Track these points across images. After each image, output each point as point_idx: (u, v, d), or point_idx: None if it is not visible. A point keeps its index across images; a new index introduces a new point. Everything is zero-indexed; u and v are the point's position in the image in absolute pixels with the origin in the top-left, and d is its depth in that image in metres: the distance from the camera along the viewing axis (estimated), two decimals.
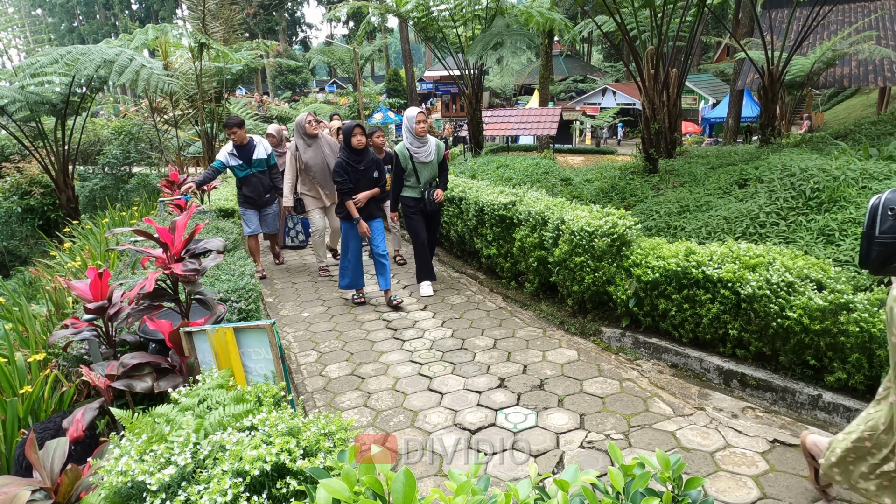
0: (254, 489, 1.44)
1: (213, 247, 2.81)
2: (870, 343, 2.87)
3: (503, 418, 3.23)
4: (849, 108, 22.19)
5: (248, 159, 6.12)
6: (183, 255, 2.67)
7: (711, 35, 27.24)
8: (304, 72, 43.44)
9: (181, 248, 2.67)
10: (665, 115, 8.22)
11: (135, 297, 2.55)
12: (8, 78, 8.98)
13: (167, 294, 2.67)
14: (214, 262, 2.77)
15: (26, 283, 6.71)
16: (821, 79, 13.77)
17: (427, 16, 10.78)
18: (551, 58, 18.40)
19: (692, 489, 1.20)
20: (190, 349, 2.45)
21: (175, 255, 2.65)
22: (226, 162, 6.10)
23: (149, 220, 3.17)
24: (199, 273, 2.59)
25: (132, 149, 14.11)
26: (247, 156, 6.12)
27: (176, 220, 2.76)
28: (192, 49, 11.40)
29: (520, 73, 34.99)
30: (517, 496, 1.12)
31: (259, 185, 6.19)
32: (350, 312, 5.16)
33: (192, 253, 2.72)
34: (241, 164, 6.09)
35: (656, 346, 3.84)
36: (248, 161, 6.12)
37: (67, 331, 2.62)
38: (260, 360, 2.44)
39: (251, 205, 6.28)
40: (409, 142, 5.33)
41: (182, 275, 2.55)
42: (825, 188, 5.00)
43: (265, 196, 6.27)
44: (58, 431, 2.26)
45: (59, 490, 1.55)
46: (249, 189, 6.20)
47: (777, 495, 2.49)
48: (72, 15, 60.33)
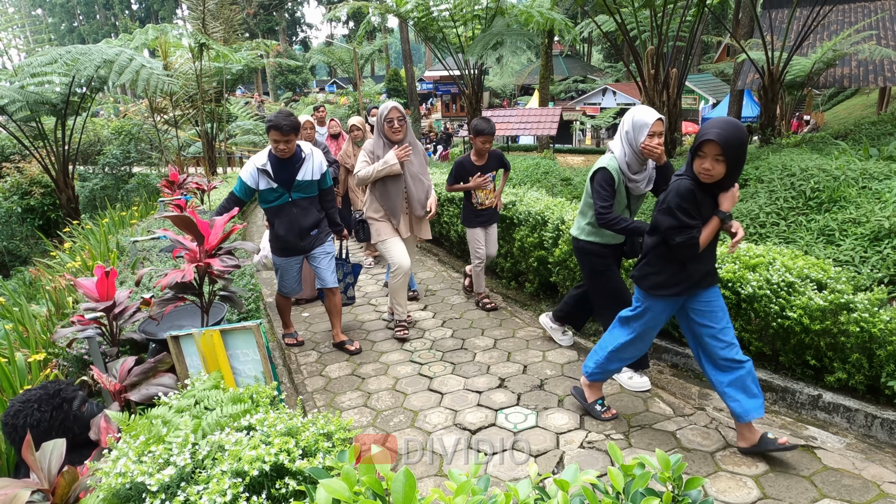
0: (253, 489, 1.43)
1: (248, 248, 2.85)
2: (870, 343, 2.86)
3: (503, 418, 3.23)
4: (849, 108, 22.18)
5: (288, 180, 3.86)
6: (216, 252, 2.68)
7: (711, 35, 27.25)
8: (304, 72, 43.43)
9: (216, 245, 2.68)
10: (665, 115, 8.22)
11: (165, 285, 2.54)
12: (8, 78, 8.98)
13: (192, 288, 2.67)
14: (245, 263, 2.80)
15: (26, 283, 6.71)
16: (821, 79, 13.77)
17: (427, 16, 10.79)
18: (551, 58, 18.39)
19: (692, 489, 1.19)
20: (177, 353, 2.44)
21: (208, 250, 2.66)
22: (252, 184, 3.84)
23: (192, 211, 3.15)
24: (236, 269, 2.62)
25: (132, 149, 14.12)
26: (288, 175, 3.86)
27: (216, 218, 2.79)
28: (192, 49, 11.41)
29: (520, 73, 34.98)
30: (517, 496, 1.11)
31: (300, 220, 3.94)
32: (350, 312, 5.15)
33: (226, 251, 2.73)
34: (276, 187, 3.85)
35: (656, 345, 3.83)
36: (287, 183, 3.86)
37: (72, 328, 2.61)
38: (248, 362, 2.43)
39: (288, 251, 4.05)
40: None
41: (219, 270, 2.57)
42: (825, 188, 5.00)
43: (310, 234, 4.02)
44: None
45: (57, 492, 1.54)
46: (285, 226, 3.93)
47: (777, 495, 2.48)
48: (72, 15, 60.36)
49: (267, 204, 3.94)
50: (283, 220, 3.93)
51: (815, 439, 2.87)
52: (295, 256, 4.08)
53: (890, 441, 2.79)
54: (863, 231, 4.24)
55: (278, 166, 3.83)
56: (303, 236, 3.98)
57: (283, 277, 4.18)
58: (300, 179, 3.87)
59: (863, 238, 4.20)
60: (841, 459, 2.70)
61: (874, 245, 4.09)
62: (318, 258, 4.11)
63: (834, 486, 2.51)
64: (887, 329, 2.80)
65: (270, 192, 3.87)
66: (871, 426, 2.86)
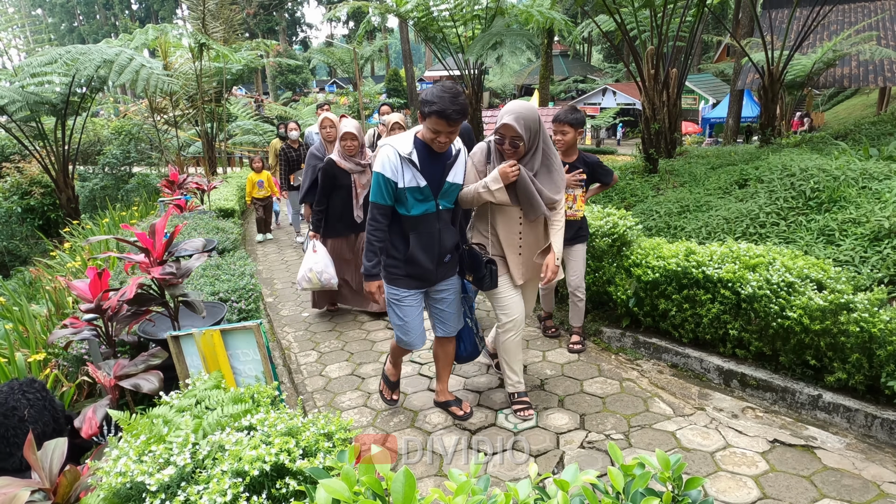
0: (253, 489, 1.43)
1: (193, 248, 2.81)
2: (870, 343, 2.87)
3: (503, 418, 3.23)
4: (849, 108, 22.18)
5: (437, 180, 2.85)
6: (165, 259, 2.66)
7: (711, 35, 27.24)
8: (304, 72, 43.42)
9: (163, 252, 2.66)
10: (665, 115, 8.22)
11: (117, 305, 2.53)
12: (8, 78, 8.98)
13: (154, 299, 2.66)
14: (199, 262, 2.76)
15: (26, 283, 6.71)
16: (821, 79, 13.78)
17: (427, 16, 10.79)
18: (551, 58, 18.39)
19: (692, 489, 1.20)
20: (178, 353, 2.44)
21: (158, 258, 2.64)
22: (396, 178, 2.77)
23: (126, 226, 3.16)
24: (177, 276, 2.58)
25: (132, 149, 14.12)
26: (437, 173, 2.85)
27: (154, 223, 2.75)
28: (192, 49, 11.41)
29: (520, 73, 34.99)
30: (517, 496, 1.11)
31: (443, 238, 2.93)
32: (350, 312, 5.15)
33: (172, 255, 2.71)
34: (424, 186, 2.80)
35: (656, 346, 3.84)
36: (436, 184, 2.85)
37: (67, 330, 2.62)
38: (248, 362, 2.43)
39: (419, 280, 2.97)
40: None
41: (161, 279, 2.54)
42: (825, 188, 5.00)
43: (444, 260, 2.99)
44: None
45: (58, 491, 1.55)
46: (423, 245, 2.89)
47: (777, 495, 2.48)
48: (72, 15, 60.34)
49: (409, 208, 2.80)
50: (421, 237, 2.87)
51: (815, 439, 2.87)
52: (423, 289, 3.03)
53: (890, 441, 2.80)
54: (863, 231, 4.24)
55: (427, 159, 2.80)
56: (440, 261, 2.96)
57: (406, 318, 2.99)
58: (450, 182, 2.87)
59: (863, 238, 4.20)
60: (841, 459, 2.70)
61: (874, 245, 4.09)
62: (443, 294, 3.07)
63: (834, 486, 2.52)
64: (887, 329, 2.80)
65: (415, 193, 2.78)
66: (870, 426, 2.86)
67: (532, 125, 2.85)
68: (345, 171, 4.56)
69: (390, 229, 2.91)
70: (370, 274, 2.93)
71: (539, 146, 2.94)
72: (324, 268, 4.57)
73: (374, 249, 2.87)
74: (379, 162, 2.78)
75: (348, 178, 4.61)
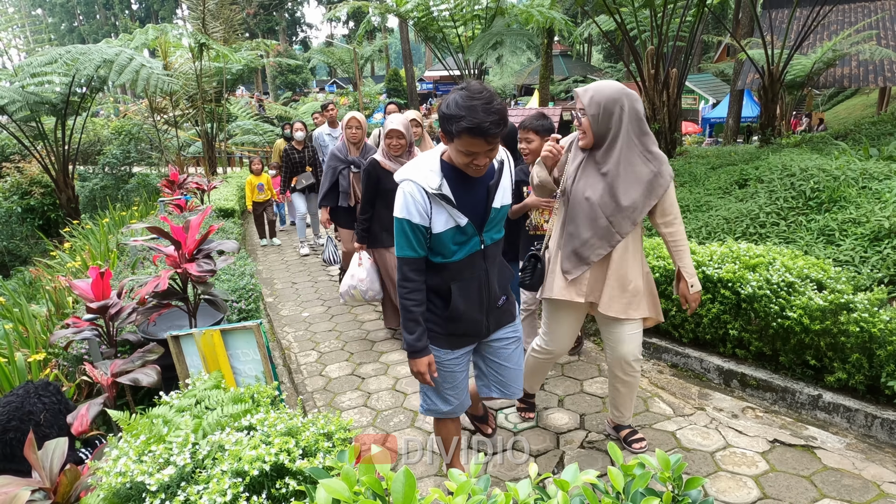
0: (253, 489, 1.43)
1: (228, 248, 2.81)
2: (870, 343, 2.87)
3: (503, 418, 3.23)
4: (849, 108, 22.18)
5: (479, 212, 2.13)
6: (196, 255, 2.67)
7: (711, 35, 27.24)
8: (304, 72, 43.41)
9: (194, 248, 2.67)
10: (665, 115, 8.22)
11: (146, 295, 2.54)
12: (8, 78, 8.98)
13: (177, 293, 2.66)
14: (226, 262, 2.78)
15: (26, 283, 6.71)
16: (821, 79, 13.77)
17: (427, 16, 10.80)
18: (551, 58, 18.39)
19: (692, 489, 1.20)
20: (178, 353, 2.44)
21: (187, 254, 2.65)
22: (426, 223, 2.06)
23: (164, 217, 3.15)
24: (212, 273, 2.60)
25: (132, 149, 14.12)
26: (479, 202, 2.12)
27: (190, 219, 2.76)
28: (192, 49, 11.40)
29: (520, 73, 34.95)
30: (517, 496, 1.11)
31: (491, 281, 2.23)
32: (350, 312, 5.15)
33: (205, 253, 2.72)
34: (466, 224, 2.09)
35: (656, 346, 3.84)
36: (479, 217, 2.13)
37: (68, 330, 2.61)
38: (249, 362, 2.43)
39: (465, 337, 2.28)
40: None
41: (196, 275, 2.55)
42: (825, 188, 5.00)
43: (498, 305, 2.30)
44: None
45: (58, 490, 1.55)
46: (467, 293, 2.18)
47: (777, 495, 2.48)
48: (72, 15, 60.34)
49: (440, 258, 2.13)
50: (466, 286, 2.18)
51: (815, 439, 2.87)
52: (472, 346, 2.35)
53: (890, 441, 2.80)
54: (863, 231, 4.24)
55: (462, 187, 2.08)
56: (490, 309, 2.27)
57: (446, 383, 2.29)
58: (497, 208, 2.16)
59: (863, 238, 4.20)
60: (841, 459, 2.70)
61: (874, 245, 4.09)
62: (501, 344, 2.37)
63: (834, 486, 2.52)
64: (887, 329, 2.80)
65: (454, 236, 2.09)
66: (871, 426, 2.86)
67: (605, 102, 2.30)
68: (390, 172, 3.77)
69: (435, 277, 2.16)
70: (416, 350, 2.14)
71: (621, 137, 2.34)
72: (370, 284, 4.18)
73: (414, 318, 2.12)
74: (400, 204, 2.06)
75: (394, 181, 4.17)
